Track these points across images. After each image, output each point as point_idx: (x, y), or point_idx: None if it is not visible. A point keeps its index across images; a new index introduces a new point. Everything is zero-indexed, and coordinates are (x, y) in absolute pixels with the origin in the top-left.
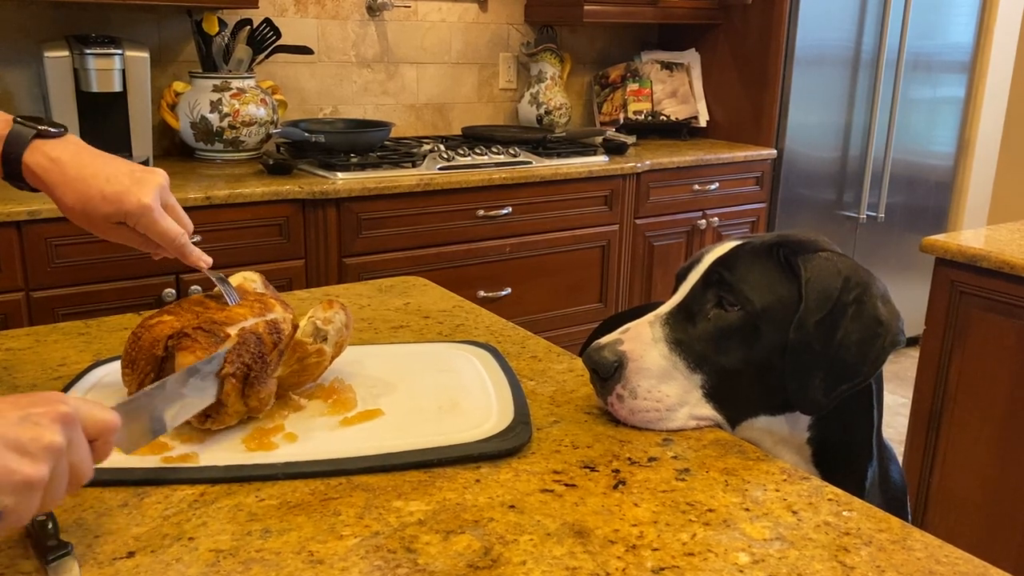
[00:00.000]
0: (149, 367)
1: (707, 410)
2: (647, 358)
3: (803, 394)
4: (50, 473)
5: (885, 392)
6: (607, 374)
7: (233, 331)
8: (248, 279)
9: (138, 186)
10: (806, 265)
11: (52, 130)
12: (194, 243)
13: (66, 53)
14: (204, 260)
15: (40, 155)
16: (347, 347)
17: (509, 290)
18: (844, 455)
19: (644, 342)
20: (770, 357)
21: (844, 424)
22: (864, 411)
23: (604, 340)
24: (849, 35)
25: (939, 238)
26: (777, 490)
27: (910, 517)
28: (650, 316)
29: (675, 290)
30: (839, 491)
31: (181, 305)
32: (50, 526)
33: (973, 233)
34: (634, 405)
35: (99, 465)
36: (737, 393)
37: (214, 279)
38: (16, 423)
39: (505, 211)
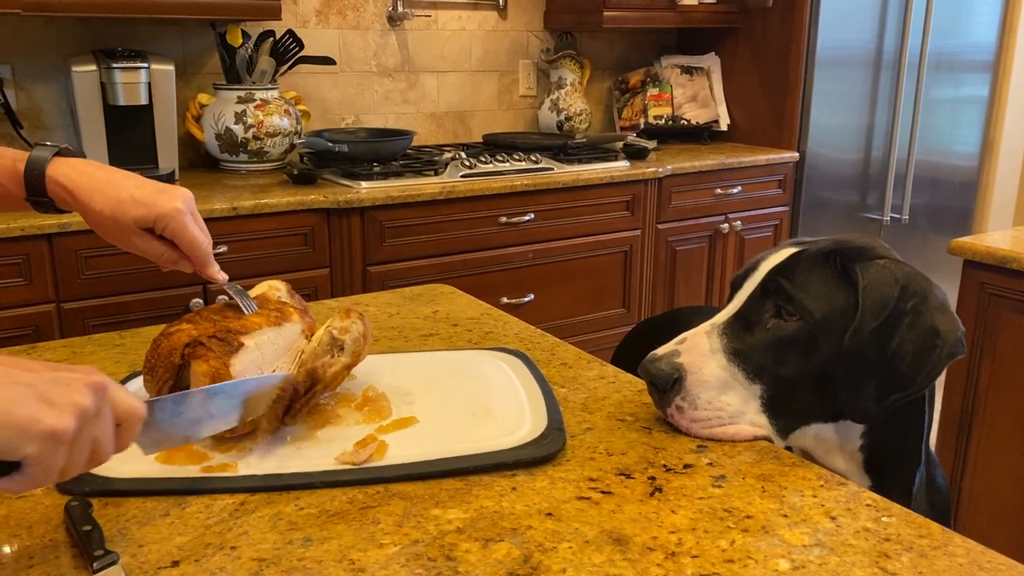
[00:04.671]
0: (167, 374)
1: (763, 420)
2: (706, 369)
3: (854, 402)
4: (76, 430)
5: None
6: (665, 386)
7: (247, 340)
8: (273, 287)
9: (168, 192)
10: (863, 272)
11: (71, 149)
12: (220, 253)
13: (93, 67)
14: (221, 275)
15: (65, 166)
16: (374, 356)
17: (532, 296)
18: (894, 461)
19: (702, 353)
20: (827, 366)
21: (896, 431)
22: (916, 418)
23: (660, 351)
24: (870, 36)
25: (967, 240)
26: (815, 496)
27: (953, 523)
28: (707, 326)
29: (730, 298)
30: (877, 497)
31: (200, 314)
32: (96, 536)
33: (1001, 234)
34: (695, 415)
35: (141, 475)
36: (794, 402)
37: (231, 292)
38: (48, 380)
39: (527, 217)
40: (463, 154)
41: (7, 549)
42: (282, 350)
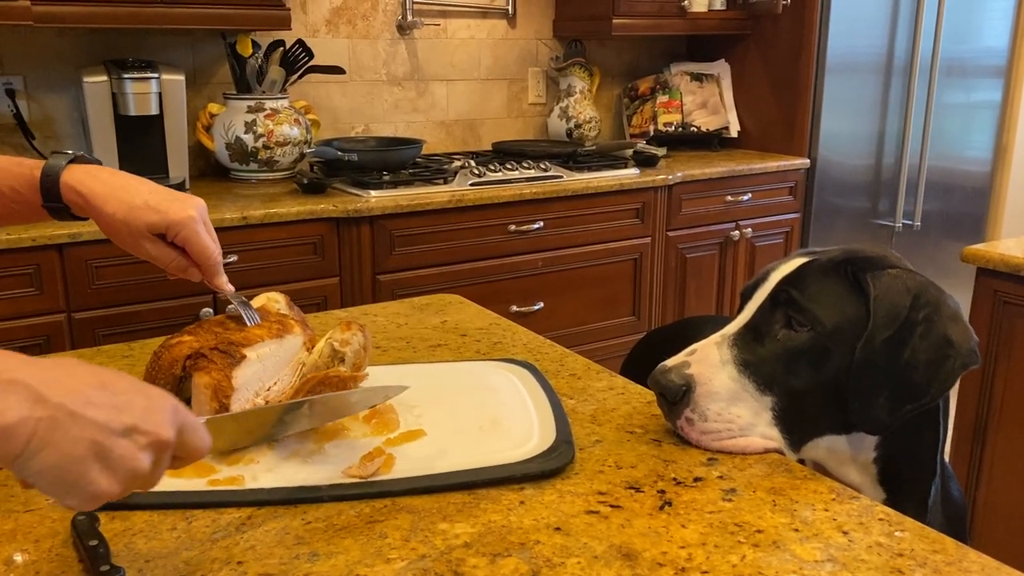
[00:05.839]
0: (168, 386)
1: (775, 432)
2: (715, 381)
3: (867, 413)
4: (120, 493)
5: None
6: (675, 398)
7: (249, 352)
8: (272, 299)
9: (182, 200)
10: (875, 282)
11: (87, 157)
12: (230, 263)
13: (104, 78)
14: (229, 286)
15: (80, 172)
16: (382, 367)
17: (541, 304)
18: (909, 473)
19: (712, 364)
20: (839, 377)
21: (911, 442)
22: (930, 429)
23: (671, 362)
24: (881, 41)
25: (980, 248)
26: (826, 510)
27: (968, 535)
28: (717, 337)
29: (740, 308)
30: (890, 511)
31: (201, 326)
32: (102, 551)
33: (1015, 241)
34: (705, 427)
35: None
36: (806, 413)
37: (235, 302)
38: (117, 431)
39: (536, 226)
40: (472, 162)
41: (18, 558)
42: (283, 362)
